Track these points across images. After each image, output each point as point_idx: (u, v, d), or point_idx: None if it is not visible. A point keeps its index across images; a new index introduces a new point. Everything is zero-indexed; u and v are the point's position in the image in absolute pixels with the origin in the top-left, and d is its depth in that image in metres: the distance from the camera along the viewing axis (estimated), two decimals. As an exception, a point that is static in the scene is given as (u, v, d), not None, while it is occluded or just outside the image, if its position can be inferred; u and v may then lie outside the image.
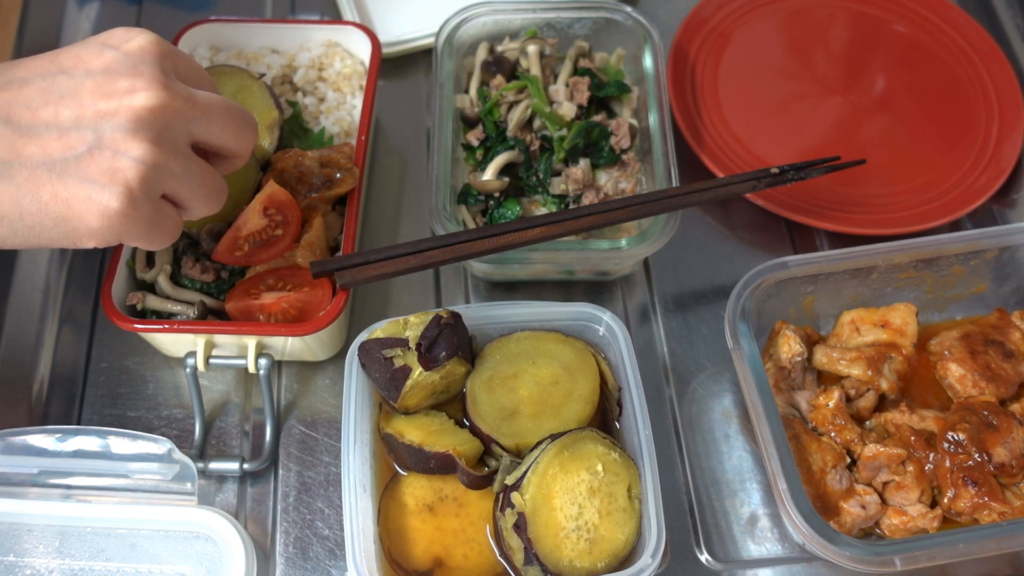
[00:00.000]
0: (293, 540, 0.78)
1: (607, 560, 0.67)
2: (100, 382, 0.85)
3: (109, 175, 0.59)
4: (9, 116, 0.59)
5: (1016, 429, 0.77)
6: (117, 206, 0.59)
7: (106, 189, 0.59)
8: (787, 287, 0.81)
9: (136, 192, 0.60)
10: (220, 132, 0.66)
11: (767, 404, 0.73)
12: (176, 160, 0.62)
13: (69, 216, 0.60)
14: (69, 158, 0.59)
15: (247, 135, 0.68)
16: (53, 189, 0.59)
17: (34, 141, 0.59)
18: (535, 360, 0.76)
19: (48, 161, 0.59)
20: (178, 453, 0.75)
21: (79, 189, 0.59)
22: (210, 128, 0.65)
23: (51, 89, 0.60)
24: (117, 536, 0.75)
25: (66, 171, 0.59)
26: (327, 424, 0.84)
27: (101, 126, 0.59)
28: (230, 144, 0.67)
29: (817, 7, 1.10)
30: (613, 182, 0.89)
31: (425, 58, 1.06)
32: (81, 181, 0.59)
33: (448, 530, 0.71)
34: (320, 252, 0.81)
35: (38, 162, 0.59)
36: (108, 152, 0.59)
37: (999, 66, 1.04)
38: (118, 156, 0.59)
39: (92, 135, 0.59)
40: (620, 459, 0.69)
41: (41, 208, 0.59)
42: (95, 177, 0.59)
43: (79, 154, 0.59)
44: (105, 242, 0.62)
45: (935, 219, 0.93)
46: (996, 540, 0.69)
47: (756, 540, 0.79)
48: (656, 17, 1.06)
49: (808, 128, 1.01)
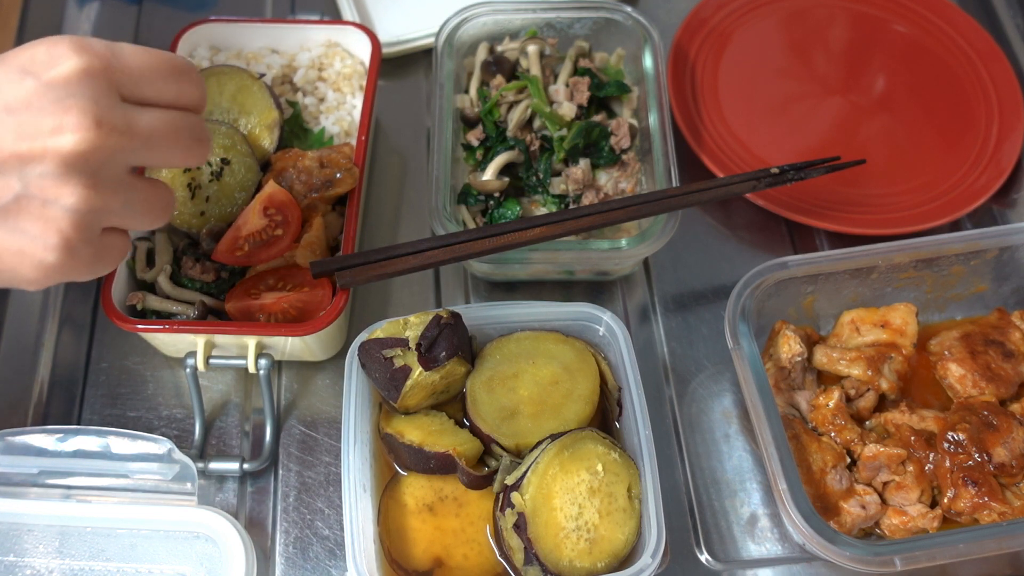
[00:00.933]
0: (293, 540, 0.78)
1: (607, 560, 0.67)
2: (100, 382, 0.85)
3: (41, 226, 0.54)
4: None
5: (1016, 429, 0.77)
6: (53, 259, 0.55)
7: (39, 241, 0.55)
8: (787, 287, 0.81)
9: (73, 241, 0.55)
10: (165, 157, 0.60)
11: (767, 404, 0.73)
12: (115, 197, 0.57)
13: (2, 268, 0.56)
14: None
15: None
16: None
17: None
18: (535, 360, 0.76)
19: None
20: (178, 453, 0.75)
21: (9, 241, 0.55)
22: (152, 155, 0.59)
23: None
24: (117, 536, 0.75)
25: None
26: (327, 424, 0.84)
27: (26, 172, 0.53)
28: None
29: (817, 7, 1.10)
30: (613, 182, 0.89)
31: (425, 58, 1.06)
32: (11, 232, 0.54)
33: (448, 530, 0.71)
34: (320, 252, 0.81)
35: None
36: (36, 202, 0.54)
37: (999, 66, 1.04)
38: (48, 205, 0.54)
39: (18, 183, 0.54)
40: (620, 459, 0.69)
41: None
42: (26, 228, 0.54)
43: (5, 203, 0.54)
44: (45, 286, 0.58)
45: (935, 219, 0.92)
46: (996, 540, 0.69)
47: (756, 540, 0.79)
48: (656, 17, 1.06)
49: (808, 128, 1.01)
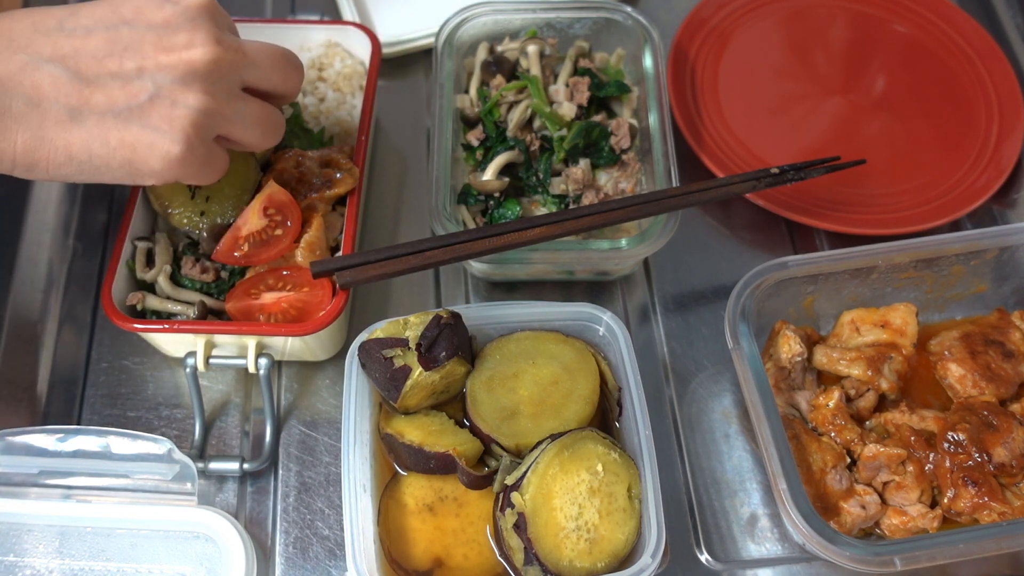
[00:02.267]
0: (293, 540, 0.78)
1: (607, 560, 0.67)
2: (100, 382, 0.85)
3: (168, 122, 0.65)
4: (77, 66, 0.64)
5: (1016, 429, 0.77)
6: (177, 151, 0.65)
7: (167, 135, 0.65)
8: (787, 287, 0.81)
9: (192, 138, 0.66)
10: (269, 77, 0.72)
11: (767, 404, 0.73)
12: (228, 106, 0.68)
13: (134, 159, 0.65)
14: (132, 106, 0.64)
15: (294, 77, 0.74)
16: (119, 135, 0.64)
17: (100, 90, 0.64)
18: (535, 360, 0.76)
19: (113, 109, 0.64)
20: (178, 453, 0.75)
21: (143, 135, 0.64)
22: (259, 74, 0.71)
23: (115, 40, 0.65)
24: (117, 536, 0.75)
25: (130, 118, 0.64)
26: (327, 424, 0.84)
27: (159, 77, 0.65)
28: (279, 87, 0.73)
29: (817, 7, 1.10)
30: (613, 182, 0.89)
31: (425, 58, 1.06)
32: (144, 128, 0.64)
33: (448, 530, 0.71)
34: (320, 252, 0.81)
35: (105, 109, 0.64)
36: (167, 101, 0.65)
37: (999, 66, 1.04)
38: (175, 106, 0.65)
39: (152, 85, 0.65)
40: (620, 459, 0.69)
41: (108, 152, 0.64)
42: (157, 124, 0.65)
43: (140, 103, 0.64)
44: (163, 181, 0.67)
45: (935, 219, 0.93)
46: (996, 540, 0.69)
47: (756, 540, 0.79)
48: (656, 17, 1.06)
49: (808, 128, 1.01)
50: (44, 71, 0.63)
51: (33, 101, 0.63)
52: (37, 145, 0.63)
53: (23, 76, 0.62)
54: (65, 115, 0.63)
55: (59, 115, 0.63)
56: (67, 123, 0.63)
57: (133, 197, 0.82)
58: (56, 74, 0.63)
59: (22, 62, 0.63)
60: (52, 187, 0.96)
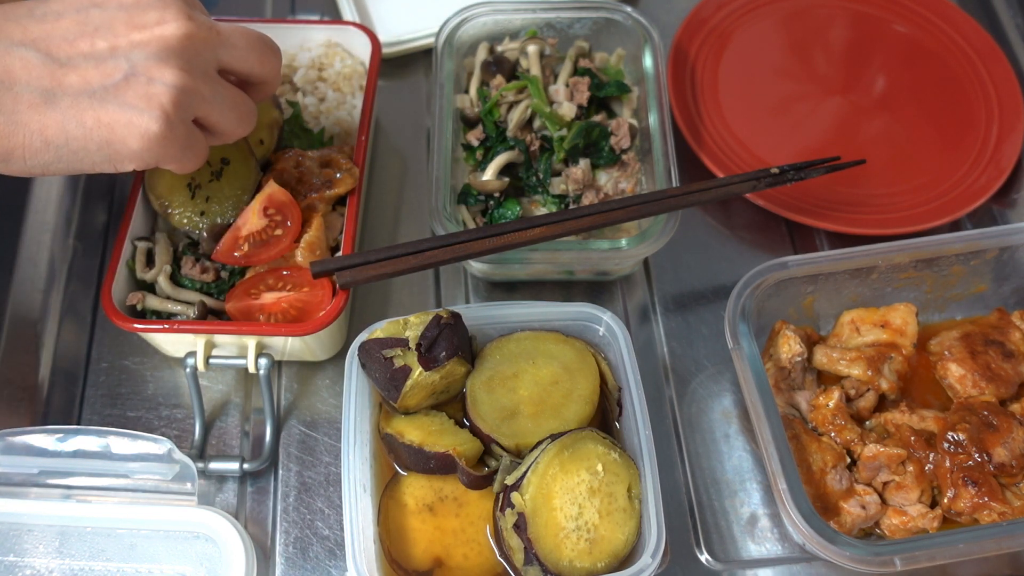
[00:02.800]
0: (293, 540, 0.78)
1: (607, 560, 0.67)
2: (100, 382, 0.85)
3: (145, 100, 0.63)
4: (49, 48, 0.63)
5: (1016, 429, 0.77)
6: (156, 129, 0.64)
7: (145, 113, 0.63)
8: (787, 287, 0.81)
9: (171, 115, 0.64)
10: (244, 56, 0.70)
11: (767, 404, 0.73)
12: (205, 84, 0.67)
13: (112, 140, 0.64)
14: (108, 86, 0.63)
15: (270, 60, 0.73)
16: (95, 115, 0.63)
17: (74, 71, 0.63)
18: (535, 360, 0.76)
19: (88, 89, 0.63)
20: (178, 453, 0.75)
21: (120, 114, 0.63)
22: (234, 53, 0.69)
23: (86, 22, 0.64)
24: (117, 536, 0.75)
25: (106, 98, 0.63)
26: (327, 424, 0.84)
27: (134, 55, 0.64)
28: (255, 69, 0.72)
29: (817, 7, 1.10)
30: (613, 182, 0.89)
31: (425, 58, 1.06)
32: (121, 107, 0.63)
33: (448, 530, 0.71)
34: (320, 252, 0.81)
35: (79, 90, 0.63)
36: (143, 79, 0.64)
37: (999, 66, 1.04)
38: (152, 83, 0.64)
39: (126, 63, 0.64)
40: (620, 459, 0.69)
41: (85, 133, 0.63)
42: (134, 102, 0.63)
43: (116, 82, 0.63)
44: (144, 164, 0.66)
45: (935, 219, 0.93)
46: (996, 540, 0.69)
47: (756, 540, 0.79)
48: (656, 17, 1.06)
49: (808, 128, 1.01)
50: (15, 55, 0.62)
51: (5, 85, 0.62)
52: (12, 131, 0.62)
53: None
54: (39, 98, 0.62)
55: (32, 98, 0.62)
56: (41, 106, 0.62)
57: (133, 197, 0.82)
58: (27, 57, 0.62)
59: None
60: (52, 187, 0.97)
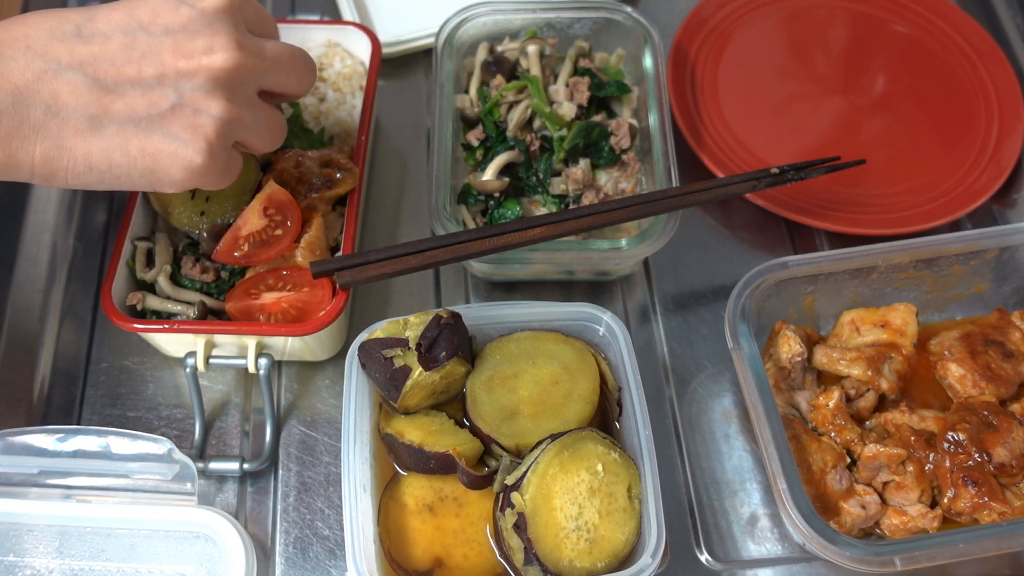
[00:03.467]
0: (293, 540, 0.78)
1: (607, 560, 0.67)
2: (100, 382, 0.85)
3: (191, 131, 0.64)
4: (96, 73, 0.62)
5: (1016, 429, 0.77)
6: (200, 161, 0.64)
7: (189, 145, 0.64)
8: (787, 287, 0.81)
9: (215, 146, 0.65)
10: (286, 80, 0.71)
11: (767, 404, 0.73)
12: (248, 112, 0.67)
13: (155, 168, 0.64)
14: (153, 115, 0.63)
15: (308, 79, 0.74)
16: (140, 144, 0.63)
17: (120, 98, 0.63)
18: (535, 360, 0.76)
19: (134, 117, 0.63)
20: (178, 453, 0.75)
21: (164, 144, 0.63)
22: (277, 79, 0.70)
23: (133, 46, 0.63)
24: (117, 536, 0.75)
25: (151, 127, 0.63)
26: (327, 424, 0.84)
27: (181, 85, 0.63)
28: (293, 90, 0.73)
29: (817, 7, 1.10)
30: (613, 182, 0.89)
31: (425, 58, 1.06)
32: (165, 137, 0.63)
33: (448, 530, 0.71)
34: (320, 252, 0.81)
35: (125, 118, 0.63)
36: (189, 110, 0.64)
37: (999, 66, 1.04)
38: (198, 114, 0.64)
39: (173, 93, 0.63)
40: (620, 459, 0.69)
41: (129, 161, 0.63)
42: (178, 133, 0.64)
43: (162, 111, 0.63)
44: (183, 189, 0.67)
45: (935, 219, 0.93)
46: (996, 540, 0.69)
47: (756, 540, 0.79)
48: (656, 17, 1.06)
49: (808, 128, 1.01)
50: (63, 79, 0.61)
51: (52, 110, 0.61)
52: (57, 155, 0.62)
53: (41, 84, 0.61)
54: (85, 124, 0.62)
55: (79, 124, 0.62)
56: (87, 132, 0.62)
57: (133, 197, 0.82)
58: (75, 81, 0.61)
59: (40, 69, 0.61)
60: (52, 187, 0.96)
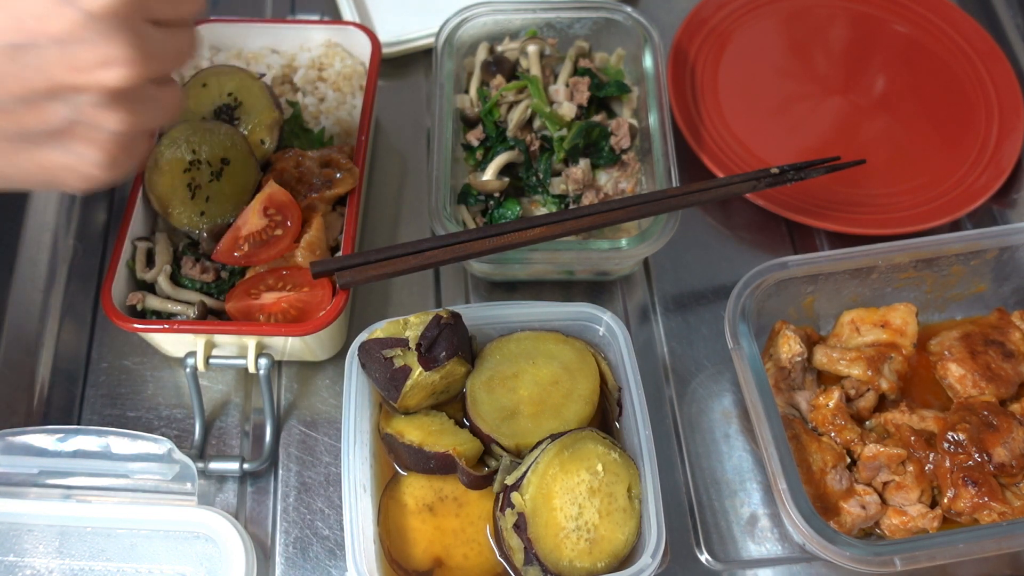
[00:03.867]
0: (293, 540, 0.78)
1: (607, 560, 0.67)
2: (100, 382, 0.85)
3: (90, 148, 0.60)
4: None
5: (1016, 429, 0.77)
6: (100, 173, 0.61)
7: (87, 158, 0.60)
8: (787, 287, 0.81)
9: (118, 158, 0.61)
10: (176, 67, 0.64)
11: (767, 404, 0.73)
12: (148, 112, 0.62)
13: (52, 181, 0.61)
14: (47, 131, 0.59)
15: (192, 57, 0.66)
16: (31, 158, 0.60)
17: (6, 115, 0.58)
18: (535, 360, 0.76)
19: (23, 132, 0.59)
20: (178, 453, 0.75)
21: (62, 159, 0.60)
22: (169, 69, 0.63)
23: (15, 57, 0.57)
24: (117, 536, 0.75)
25: (46, 142, 0.59)
26: (327, 424, 0.84)
27: (76, 100, 0.58)
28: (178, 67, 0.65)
29: (817, 7, 1.10)
30: (613, 182, 0.89)
31: (425, 58, 1.06)
32: (62, 152, 0.60)
33: (448, 530, 0.71)
34: (320, 252, 0.81)
35: (13, 133, 0.59)
36: (85, 126, 0.59)
37: (999, 66, 1.04)
38: (97, 130, 0.59)
39: (68, 109, 0.58)
40: (620, 459, 0.69)
41: (22, 173, 0.61)
42: (75, 149, 0.60)
43: (57, 127, 0.59)
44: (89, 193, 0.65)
45: (935, 219, 0.92)
46: (996, 540, 0.69)
47: (756, 540, 0.79)
48: (656, 17, 1.06)
49: (808, 128, 1.01)
50: None
51: None
52: None
53: None
54: None
55: None
56: None
57: (133, 197, 0.82)
58: None
59: None
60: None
